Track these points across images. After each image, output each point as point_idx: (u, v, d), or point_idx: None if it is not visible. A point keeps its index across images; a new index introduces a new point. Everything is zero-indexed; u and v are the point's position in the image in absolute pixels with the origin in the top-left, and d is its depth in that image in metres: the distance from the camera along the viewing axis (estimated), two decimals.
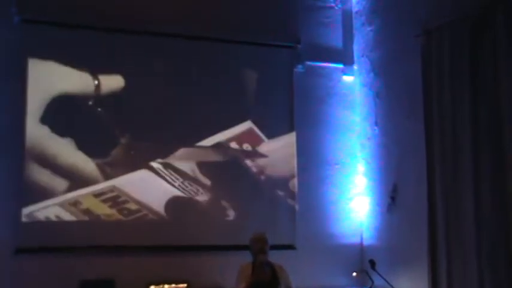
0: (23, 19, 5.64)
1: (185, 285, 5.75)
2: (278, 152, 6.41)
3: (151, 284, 5.66)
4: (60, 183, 5.63)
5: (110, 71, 5.91)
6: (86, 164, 5.72)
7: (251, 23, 6.42)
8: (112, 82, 5.91)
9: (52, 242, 5.60)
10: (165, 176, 5.98)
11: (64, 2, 5.81)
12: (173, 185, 6.00)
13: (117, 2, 6.03)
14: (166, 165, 5.99)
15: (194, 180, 6.08)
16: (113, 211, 5.77)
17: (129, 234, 5.83)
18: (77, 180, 5.69)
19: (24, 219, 5.52)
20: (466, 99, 5.14)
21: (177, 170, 6.02)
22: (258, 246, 5.29)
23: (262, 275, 5.20)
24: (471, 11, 5.16)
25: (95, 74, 5.84)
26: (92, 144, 5.75)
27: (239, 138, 6.28)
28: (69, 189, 5.66)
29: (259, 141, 6.35)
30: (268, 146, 6.37)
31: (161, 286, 5.68)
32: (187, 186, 6.05)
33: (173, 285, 5.72)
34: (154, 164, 5.95)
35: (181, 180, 6.03)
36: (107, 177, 5.79)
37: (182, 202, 6.03)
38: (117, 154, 5.84)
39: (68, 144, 5.68)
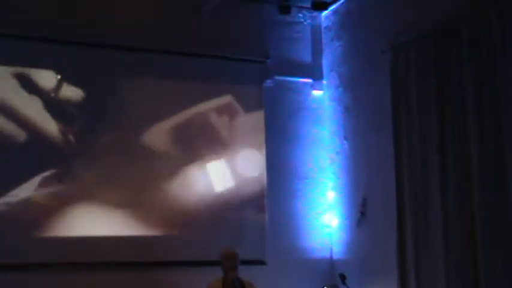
0: None
1: None
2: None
3: None
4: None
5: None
6: (49, 124, 5.74)
7: (221, 38, 6.43)
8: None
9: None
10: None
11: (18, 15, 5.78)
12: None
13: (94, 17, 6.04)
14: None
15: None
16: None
17: (88, 250, 5.72)
18: (38, 138, 5.67)
19: None
20: (433, 113, 5.20)
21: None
22: (229, 262, 5.27)
23: None
24: (436, 26, 5.24)
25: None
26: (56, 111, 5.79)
27: None
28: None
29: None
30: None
31: None
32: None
33: None
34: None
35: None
36: (69, 145, 5.79)
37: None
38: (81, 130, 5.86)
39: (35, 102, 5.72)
